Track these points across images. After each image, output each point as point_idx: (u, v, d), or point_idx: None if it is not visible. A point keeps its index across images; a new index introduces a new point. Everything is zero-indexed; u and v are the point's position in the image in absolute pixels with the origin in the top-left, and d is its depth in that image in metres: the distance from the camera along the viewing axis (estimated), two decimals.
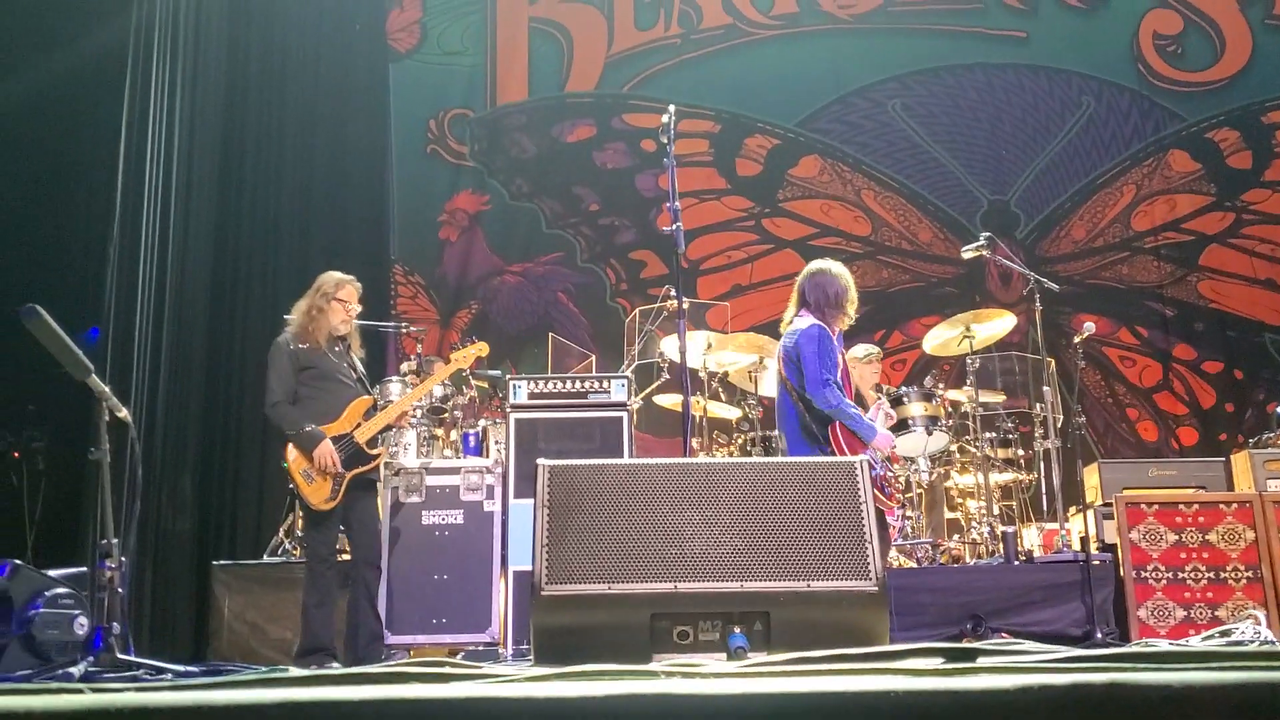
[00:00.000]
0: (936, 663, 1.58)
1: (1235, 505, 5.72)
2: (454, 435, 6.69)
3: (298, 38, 9.10)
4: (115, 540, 3.53)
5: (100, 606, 3.59)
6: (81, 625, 3.72)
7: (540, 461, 2.76)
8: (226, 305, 8.25)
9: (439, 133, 9.71)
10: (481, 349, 5.92)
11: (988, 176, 9.59)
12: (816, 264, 5.34)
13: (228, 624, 6.20)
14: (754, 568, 2.65)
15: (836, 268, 5.28)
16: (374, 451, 5.45)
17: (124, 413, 3.89)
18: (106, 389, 3.88)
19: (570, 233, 9.64)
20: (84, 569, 4.18)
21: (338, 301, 5.53)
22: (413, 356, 7.08)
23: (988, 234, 6.81)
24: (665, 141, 4.71)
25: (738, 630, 2.59)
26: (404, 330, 7.37)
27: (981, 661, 1.55)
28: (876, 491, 4.92)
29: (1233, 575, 5.59)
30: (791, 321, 5.26)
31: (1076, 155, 9.60)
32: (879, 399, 5.48)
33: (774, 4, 9.89)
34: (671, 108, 4.80)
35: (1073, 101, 9.66)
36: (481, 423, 6.69)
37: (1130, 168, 9.58)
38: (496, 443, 6.49)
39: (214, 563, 6.58)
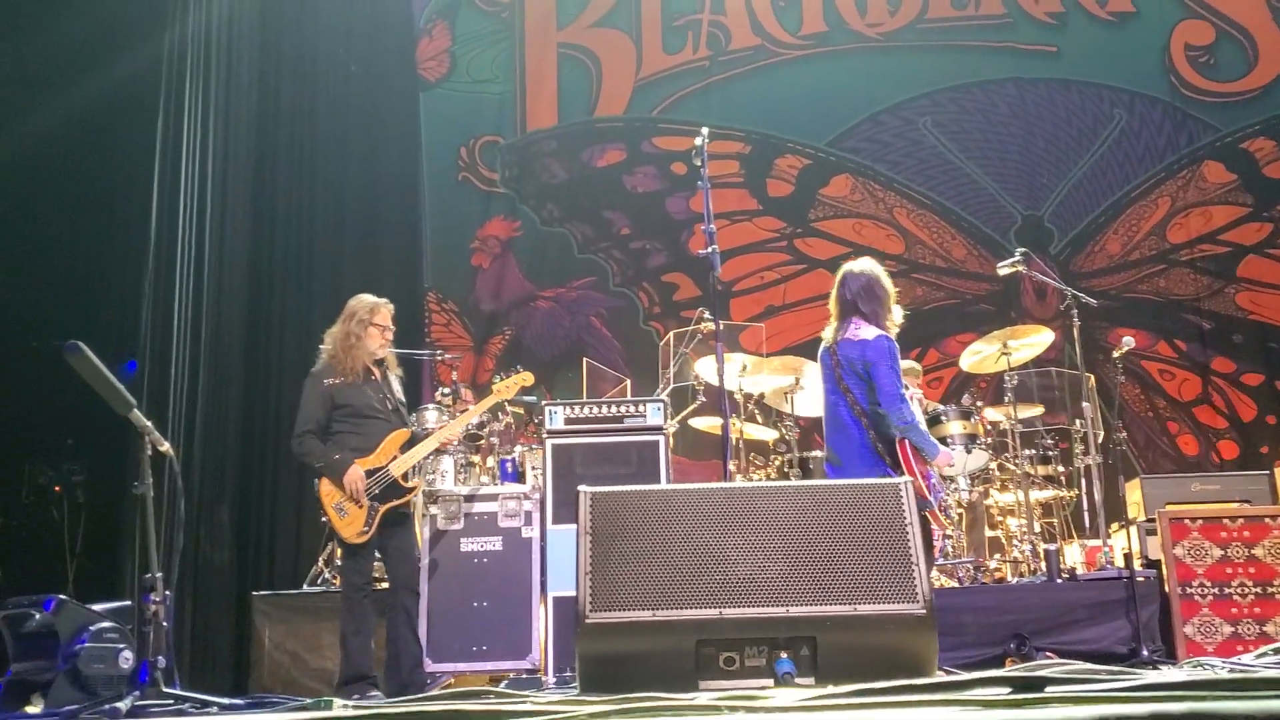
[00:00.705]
0: (1004, 692, 1.56)
1: None
2: (491, 461, 6.70)
3: (327, 68, 9.20)
4: (159, 574, 3.55)
5: (145, 640, 3.60)
6: (127, 659, 3.74)
7: (582, 489, 2.76)
8: (262, 336, 8.30)
9: (470, 160, 9.78)
10: (526, 379, 5.89)
11: (1021, 192, 9.53)
12: (853, 267, 5.22)
13: (268, 654, 6.22)
14: (799, 592, 2.63)
15: (872, 267, 5.19)
16: (409, 484, 5.44)
17: (166, 446, 3.92)
18: (149, 423, 3.92)
19: (602, 257, 9.67)
20: (128, 603, 4.20)
21: (374, 327, 5.51)
22: (448, 385, 7.10)
23: (1023, 250, 6.77)
24: (699, 164, 4.71)
25: (784, 655, 2.57)
26: (438, 358, 7.40)
27: (1050, 691, 1.52)
28: (936, 511, 4.88)
29: None
30: (845, 331, 5.13)
31: (1110, 169, 9.53)
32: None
33: (802, 24, 9.91)
34: (704, 130, 4.81)
35: (1105, 115, 9.60)
36: (518, 448, 6.70)
37: (1164, 180, 9.50)
38: (534, 468, 6.50)
39: (253, 593, 6.61)
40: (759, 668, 2.60)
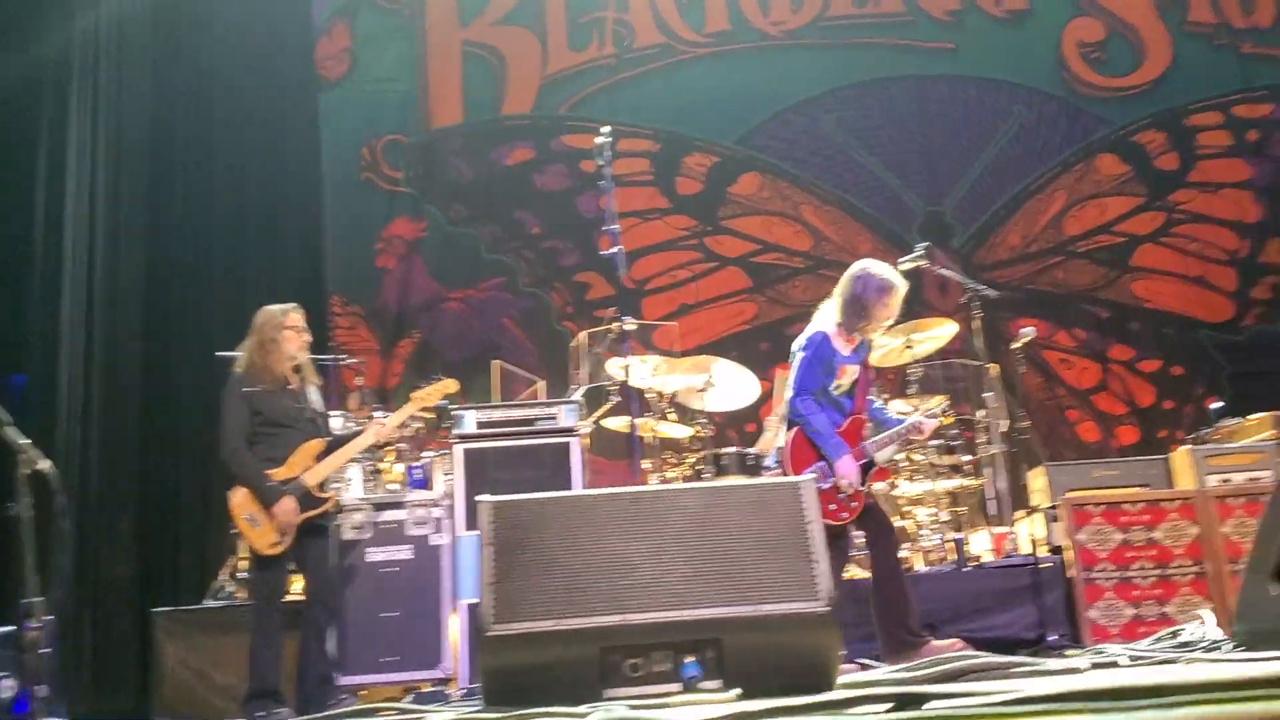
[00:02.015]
0: (885, 709, 1.56)
1: (1178, 502, 5.81)
2: (399, 469, 6.58)
3: (225, 66, 8.97)
4: (38, 599, 3.39)
5: (25, 668, 3.45)
6: (9, 688, 3.58)
7: (482, 499, 2.71)
8: (160, 342, 8.08)
9: (372, 160, 9.61)
10: (449, 386, 5.78)
11: (923, 187, 9.69)
12: (861, 263, 5.20)
13: (172, 672, 6.02)
14: (703, 594, 2.61)
15: (879, 270, 5.09)
16: (324, 495, 5.32)
17: (45, 464, 3.75)
18: (23, 440, 3.74)
19: (512, 257, 9.58)
20: (12, 628, 4.03)
21: (289, 330, 5.37)
22: (354, 390, 6.96)
23: (925, 244, 6.87)
24: (601, 164, 4.67)
25: (690, 659, 2.55)
26: (343, 363, 7.24)
27: (930, 707, 1.52)
28: (825, 494, 4.87)
29: (1178, 571, 5.67)
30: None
31: (1008, 163, 9.74)
32: (925, 408, 5.39)
33: (706, 22, 9.94)
34: (606, 129, 4.78)
35: (1003, 110, 9.82)
36: (427, 454, 6.59)
37: (1060, 173, 9.75)
38: (444, 474, 6.40)
39: (153, 610, 6.41)
40: (665, 672, 2.58)
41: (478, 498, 2.74)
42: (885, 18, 9.98)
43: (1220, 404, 7.83)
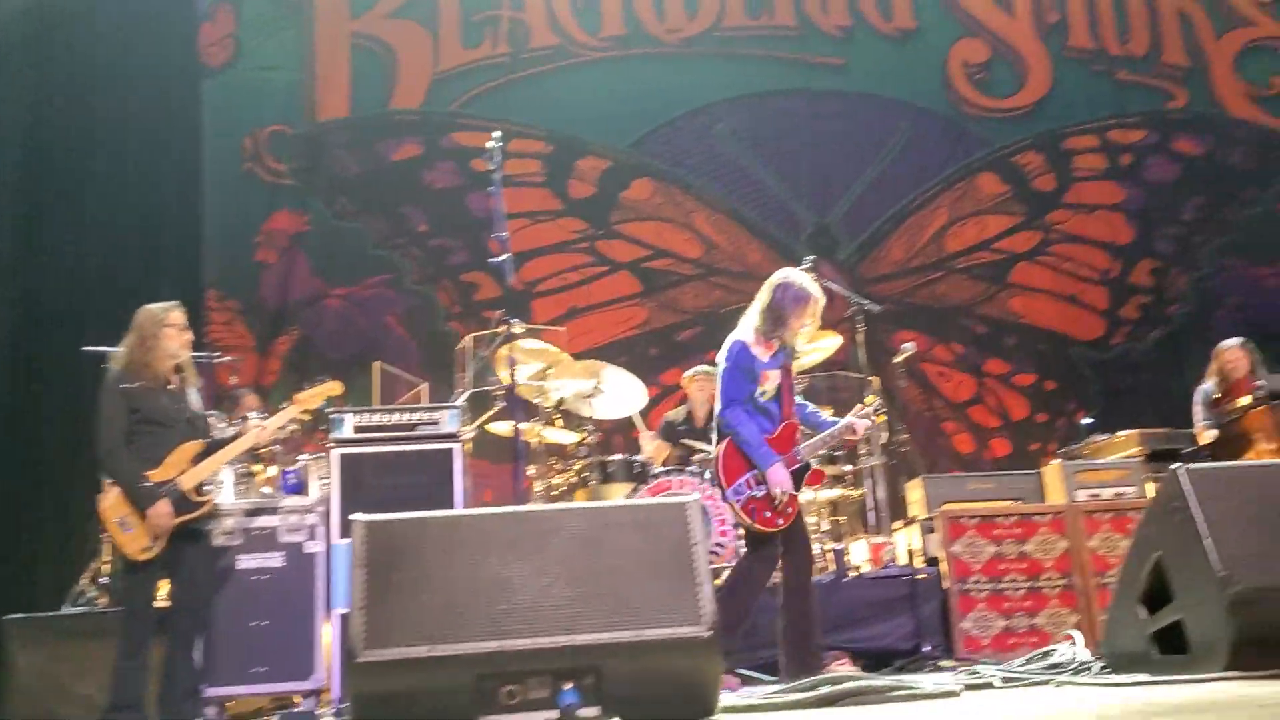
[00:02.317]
0: None
1: (1049, 516, 5.96)
2: (272, 472, 6.36)
3: (105, 53, 8.61)
4: None
5: None
6: None
7: (356, 517, 2.60)
8: (28, 334, 7.70)
9: (255, 150, 9.30)
10: (334, 388, 5.59)
11: (811, 199, 9.82)
12: (782, 272, 5.20)
13: (24, 682, 5.71)
14: (584, 619, 2.56)
15: (798, 280, 5.10)
16: (200, 499, 5.10)
17: None
18: None
19: (398, 254, 9.38)
20: None
21: (170, 327, 5.14)
22: (230, 389, 6.71)
23: (812, 257, 6.92)
24: (492, 168, 4.57)
25: (568, 686, 2.49)
26: (217, 359, 6.98)
27: None
28: (736, 507, 4.85)
29: (1048, 584, 5.82)
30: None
31: (893, 179, 9.94)
32: (859, 408, 5.37)
33: (602, 26, 9.89)
34: (497, 134, 4.68)
35: (889, 127, 10.01)
36: (303, 458, 6.37)
37: (943, 191, 9.98)
38: (320, 479, 6.21)
39: (5, 617, 6.06)
40: (543, 699, 2.51)
41: (352, 516, 2.62)
42: (778, 30, 10.08)
43: (1091, 420, 8.11)
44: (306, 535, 5.75)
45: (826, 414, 5.35)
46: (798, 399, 5.26)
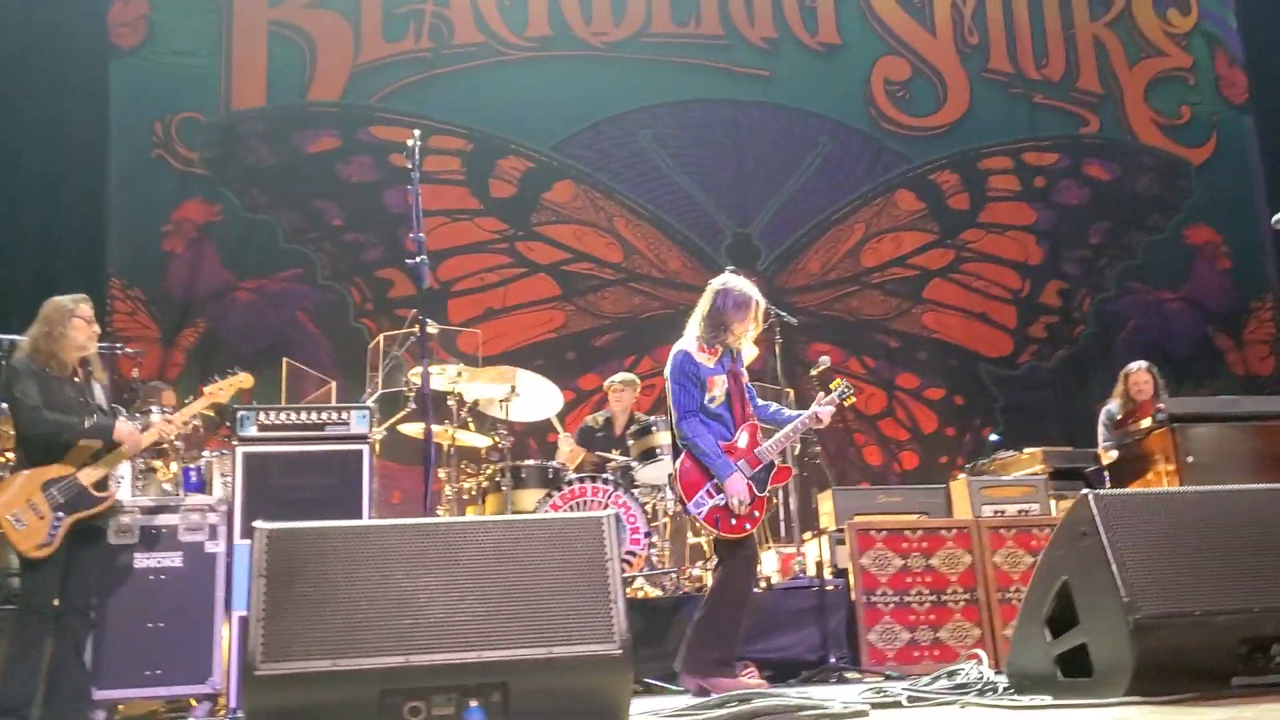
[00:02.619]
0: None
1: (955, 530, 6.03)
2: (174, 469, 6.16)
3: (7, 24, 8.28)
4: None
5: None
6: None
7: (257, 525, 2.51)
8: None
9: (165, 137, 9.02)
10: (244, 381, 5.44)
11: (732, 209, 9.87)
12: (721, 278, 5.18)
13: None
14: (493, 635, 2.50)
15: (737, 285, 5.09)
16: (101, 494, 4.93)
17: None
18: None
19: (311, 248, 9.18)
20: None
21: (78, 319, 4.99)
22: (132, 381, 6.49)
23: (732, 267, 6.93)
24: (409, 167, 4.47)
25: (474, 703, 2.43)
26: (119, 351, 6.75)
27: None
28: (722, 510, 4.80)
29: (952, 598, 5.89)
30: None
31: (813, 192, 10.04)
32: (822, 396, 5.32)
33: (528, 25, 9.81)
34: (417, 132, 4.58)
35: (810, 141, 10.11)
36: (205, 455, 6.19)
37: (861, 206, 10.12)
38: (222, 476, 6.03)
39: None
40: (448, 716, 2.45)
41: (254, 524, 2.53)
42: (704, 39, 10.11)
43: (997, 436, 8.28)
44: (207, 535, 5.58)
45: (788, 410, 5.31)
46: (760, 401, 5.23)
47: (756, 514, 4.91)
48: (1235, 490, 3.11)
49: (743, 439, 4.98)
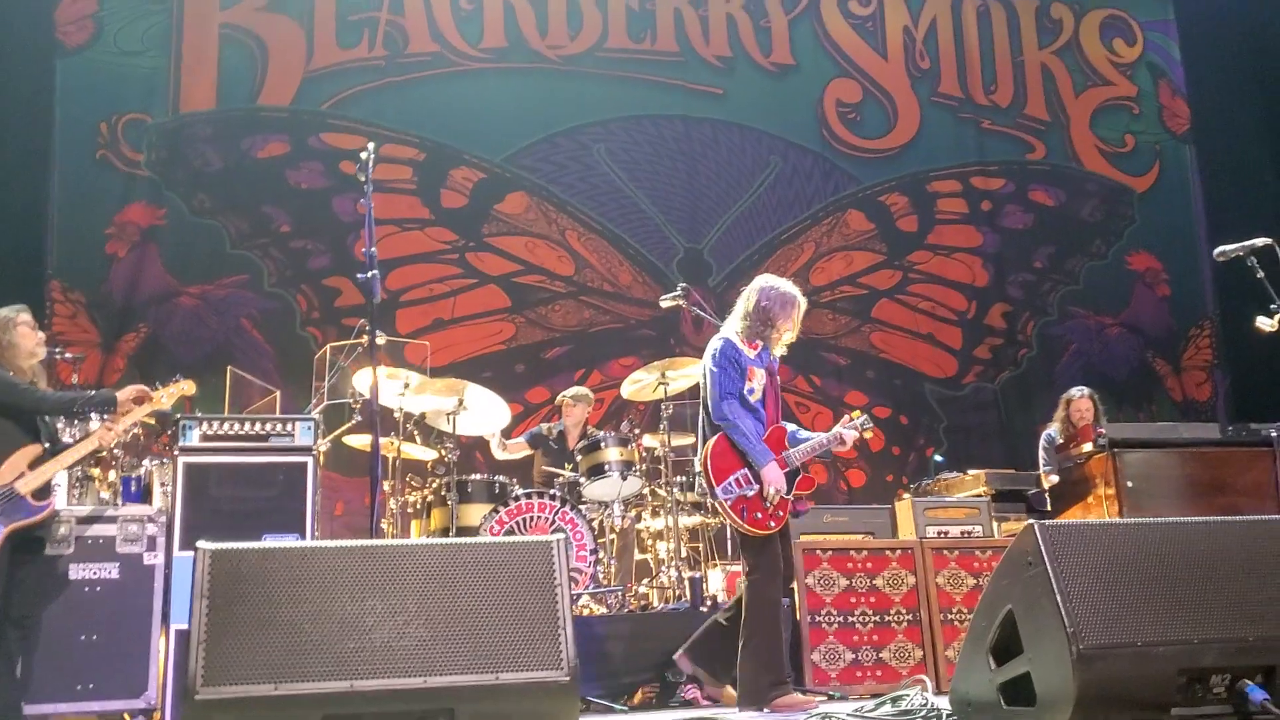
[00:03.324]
0: None
1: (899, 551, 6.07)
2: (112, 477, 6.04)
3: None
4: None
5: None
6: None
7: (200, 545, 2.46)
8: None
9: (111, 137, 8.86)
10: (187, 388, 5.35)
11: (684, 225, 9.90)
12: (763, 276, 5.21)
13: None
14: (440, 660, 2.46)
15: (782, 286, 5.12)
16: (41, 503, 4.82)
17: None
18: None
19: (257, 254, 9.05)
20: None
21: (23, 325, 4.94)
22: (70, 387, 6.36)
23: (684, 285, 6.99)
24: (362, 179, 4.43)
25: None
26: (58, 355, 6.61)
27: None
28: (750, 502, 4.75)
29: (895, 618, 5.93)
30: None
31: (764, 210, 10.10)
32: (848, 417, 5.27)
33: (483, 36, 9.77)
34: (370, 146, 4.54)
35: (762, 159, 10.18)
36: (146, 464, 6.09)
37: (811, 225, 10.20)
38: (162, 486, 5.92)
39: None
40: None
41: (197, 544, 2.48)
42: (659, 55, 10.14)
43: (942, 457, 8.37)
44: (146, 546, 5.48)
45: (804, 432, 5.24)
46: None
47: (780, 514, 4.83)
48: (1177, 523, 3.16)
49: (772, 439, 4.93)
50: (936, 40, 10.88)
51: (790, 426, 5.19)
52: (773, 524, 4.81)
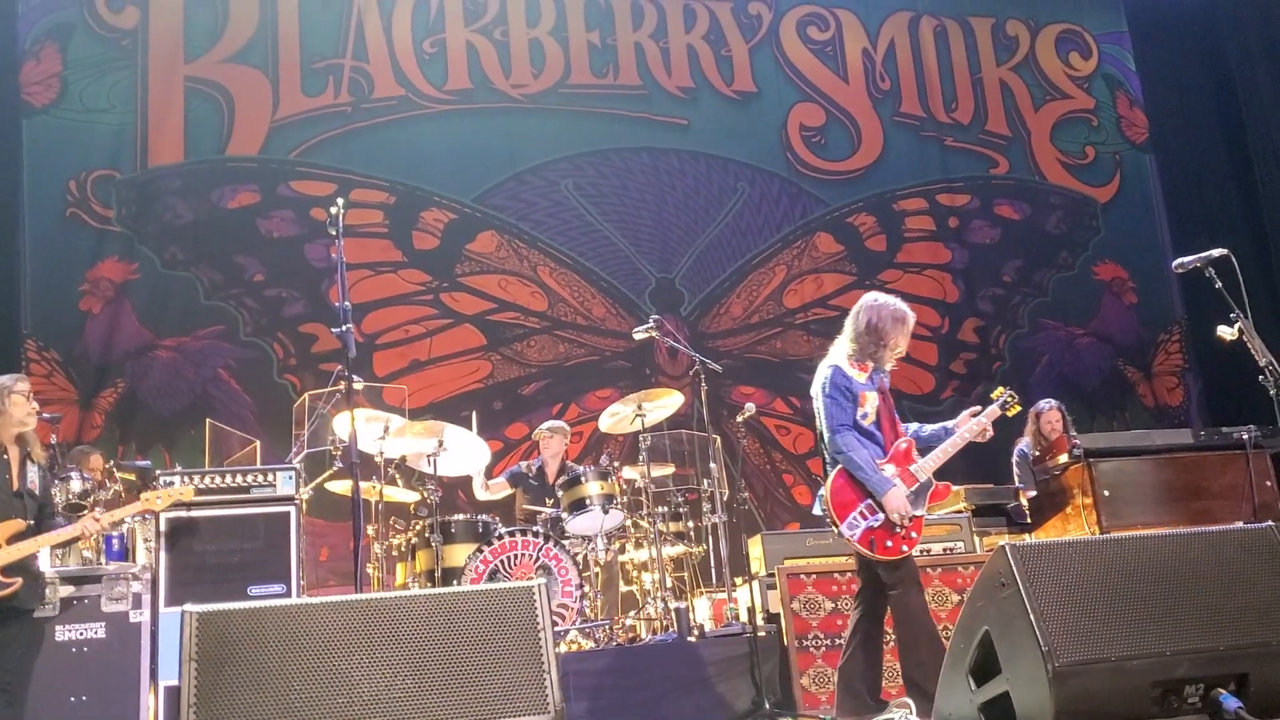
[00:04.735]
0: None
1: None
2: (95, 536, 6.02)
3: None
4: None
5: None
6: None
7: (186, 608, 2.49)
8: None
9: (80, 195, 8.87)
10: (186, 494, 5.35)
11: (655, 255, 9.97)
12: (870, 295, 5.10)
13: None
14: (429, 709, 2.50)
15: (892, 300, 5.02)
16: (7, 580, 4.82)
17: None
18: None
19: (232, 304, 9.06)
20: None
21: (18, 394, 4.92)
22: (48, 446, 6.34)
23: (656, 316, 7.07)
24: (333, 233, 4.48)
25: None
26: (37, 415, 6.60)
27: None
28: (878, 532, 4.70)
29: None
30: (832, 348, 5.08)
31: (734, 237, 10.20)
32: (977, 410, 5.19)
33: (447, 78, 9.86)
34: (340, 202, 4.59)
35: (730, 186, 10.29)
36: (129, 521, 6.08)
37: (781, 249, 10.30)
38: (146, 542, 5.92)
39: None
40: None
41: (183, 607, 2.51)
42: (623, 89, 10.25)
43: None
44: (131, 604, 5.49)
45: (930, 428, 5.11)
46: (904, 425, 5.10)
47: (914, 534, 4.76)
48: (1147, 536, 3.23)
49: (897, 456, 4.90)
50: (896, 61, 11.03)
51: (913, 427, 5.14)
52: (905, 547, 4.74)
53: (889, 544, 4.71)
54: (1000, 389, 5.27)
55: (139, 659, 5.41)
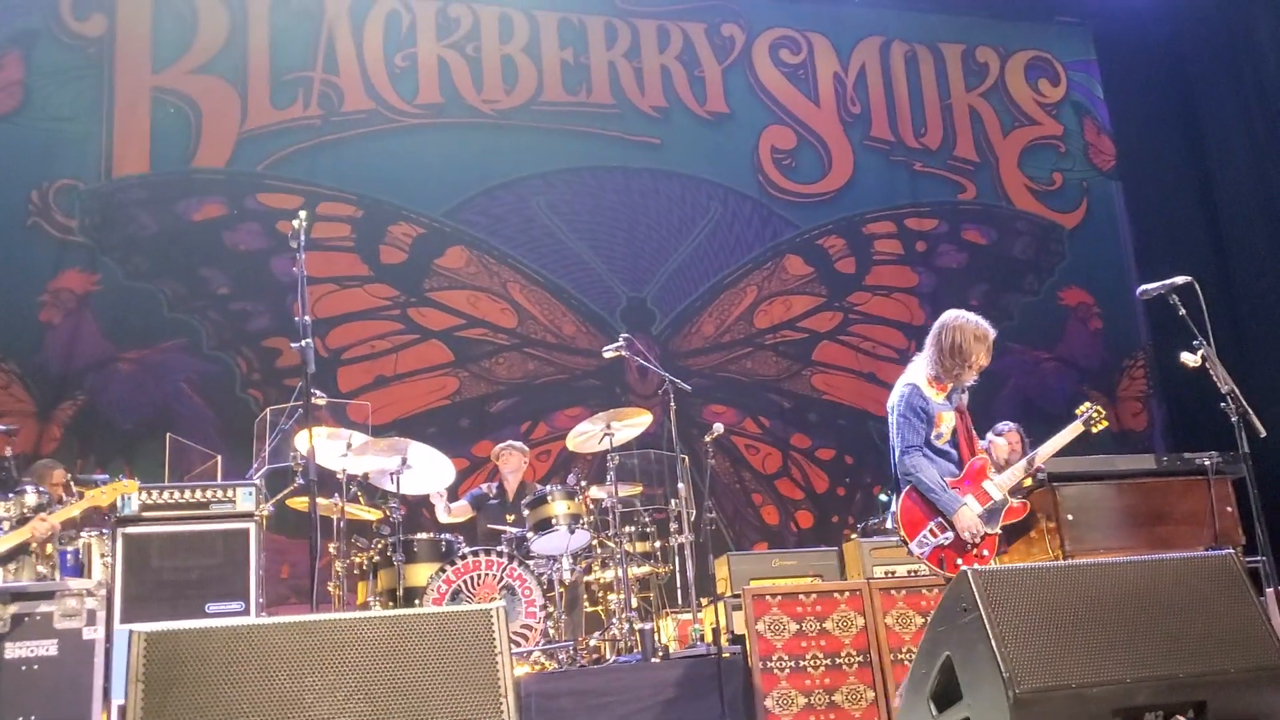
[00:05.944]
0: None
1: (847, 593, 6.11)
2: (49, 550, 5.92)
3: None
4: None
5: None
6: None
7: (133, 628, 2.43)
8: None
9: (42, 204, 8.74)
10: (129, 486, 5.27)
11: (626, 274, 9.96)
12: (951, 312, 5.07)
13: None
14: None
15: (972, 321, 4.97)
16: None
17: None
18: None
19: (196, 317, 8.95)
20: None
21: None
22: (4, 459, 6.23)
23: (626, 335, 7.05)
24: (295, 247, 4.43)
25: None
26: None
27: None
28: (948, 550, 4.67)
29: (846, 660, 5.95)
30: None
31: (705, 257, 10.21)
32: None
33: (419, 93, 9.82)
34: (302, 214, 4.54)
35: (701, 206, 10.30)
36: (84, 536, 5.97)
37: (752, 270, 10.32)
38: (102, 558, 5.82)
39: None
40: None
41: (130, 627, 2.44)
42: (596, 107, 10.25)
43: (888, 496, 8.42)
44: (86, 620, 5.37)
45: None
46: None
47: (985, 553, 4.74)
48: (1108, 564, 3.23)
49: (971, 474, 4.88)
50: (866, 86, 11.11)
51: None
52: (977, 565, 4.68)
53: (959, 562, 4.70)
54: (1086, 404, 5.32)
55: (91, 678, 5.30)
